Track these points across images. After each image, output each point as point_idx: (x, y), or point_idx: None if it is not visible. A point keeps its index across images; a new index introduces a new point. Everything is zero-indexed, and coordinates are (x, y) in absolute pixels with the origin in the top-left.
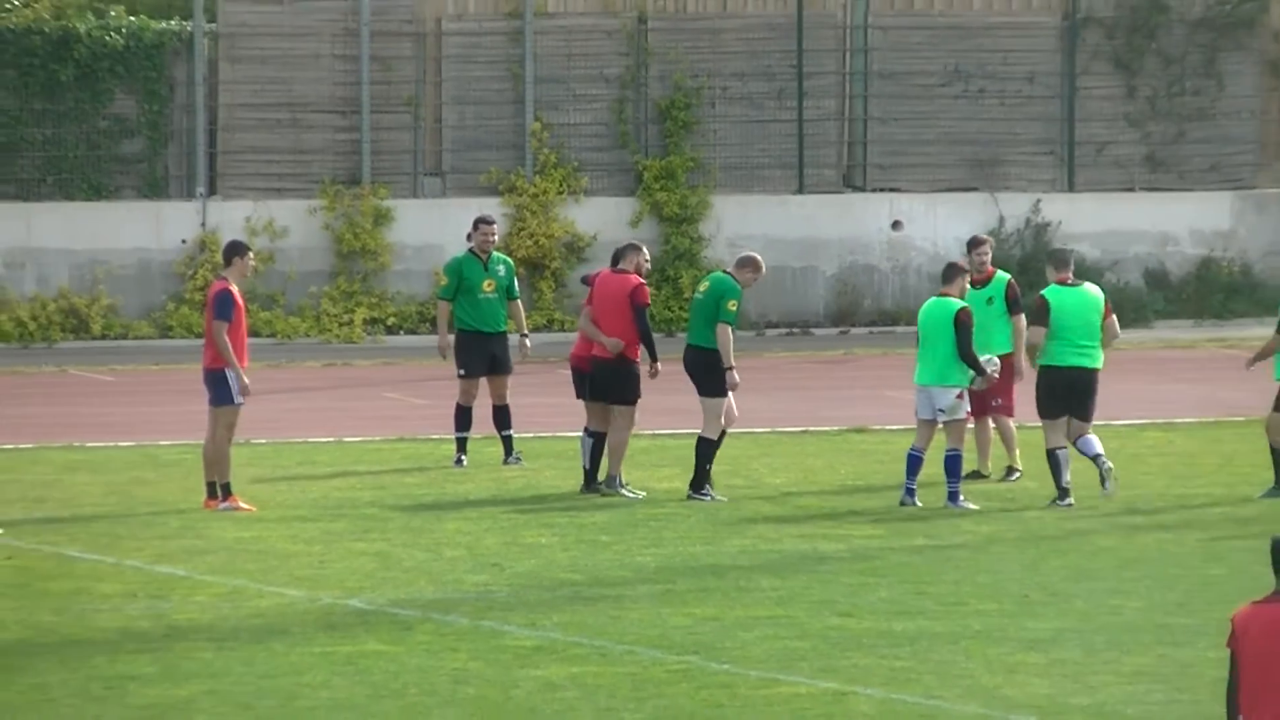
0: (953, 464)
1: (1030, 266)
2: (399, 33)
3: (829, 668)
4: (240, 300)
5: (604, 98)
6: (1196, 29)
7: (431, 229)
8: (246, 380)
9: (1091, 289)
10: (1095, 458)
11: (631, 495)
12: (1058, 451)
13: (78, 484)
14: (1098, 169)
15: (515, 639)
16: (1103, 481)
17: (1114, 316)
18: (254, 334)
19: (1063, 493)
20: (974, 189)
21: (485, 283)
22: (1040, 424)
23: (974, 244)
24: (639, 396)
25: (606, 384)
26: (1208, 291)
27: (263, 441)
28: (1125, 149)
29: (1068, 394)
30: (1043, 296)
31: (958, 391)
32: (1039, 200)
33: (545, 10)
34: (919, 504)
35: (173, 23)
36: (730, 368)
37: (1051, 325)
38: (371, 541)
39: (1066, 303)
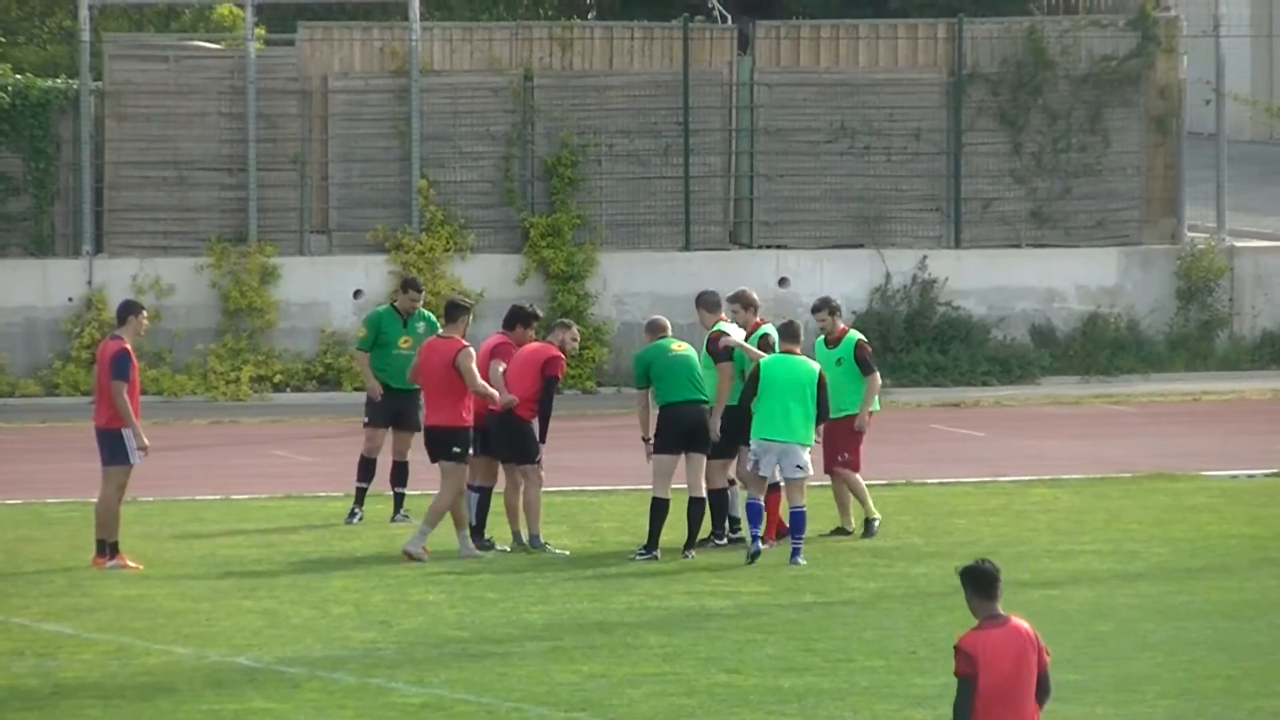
0: (801, 521)
1: (916, 323)
2: (285, 90)
3: None
4: (134, 359)
5: (490, 155)
6: (1081, 85)
7: (318, 286)
8: (145, 439)
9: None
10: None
11: (557, 553)
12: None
13: None
14: (984, 225)
15: (402, 696)
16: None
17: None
18: (141, 391)
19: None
20: (860, 246)
21: (402, 339)
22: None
23: (814, 310)
24: (540, 453)
25: (505, 444)
26: (1094, 348)
27: (150, 499)
28: (1011, 205)
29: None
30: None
31: (810, 449)
32: (925, 257)
33: (431, 68)
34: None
35: (59, 81)
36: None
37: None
38: (259, 599)
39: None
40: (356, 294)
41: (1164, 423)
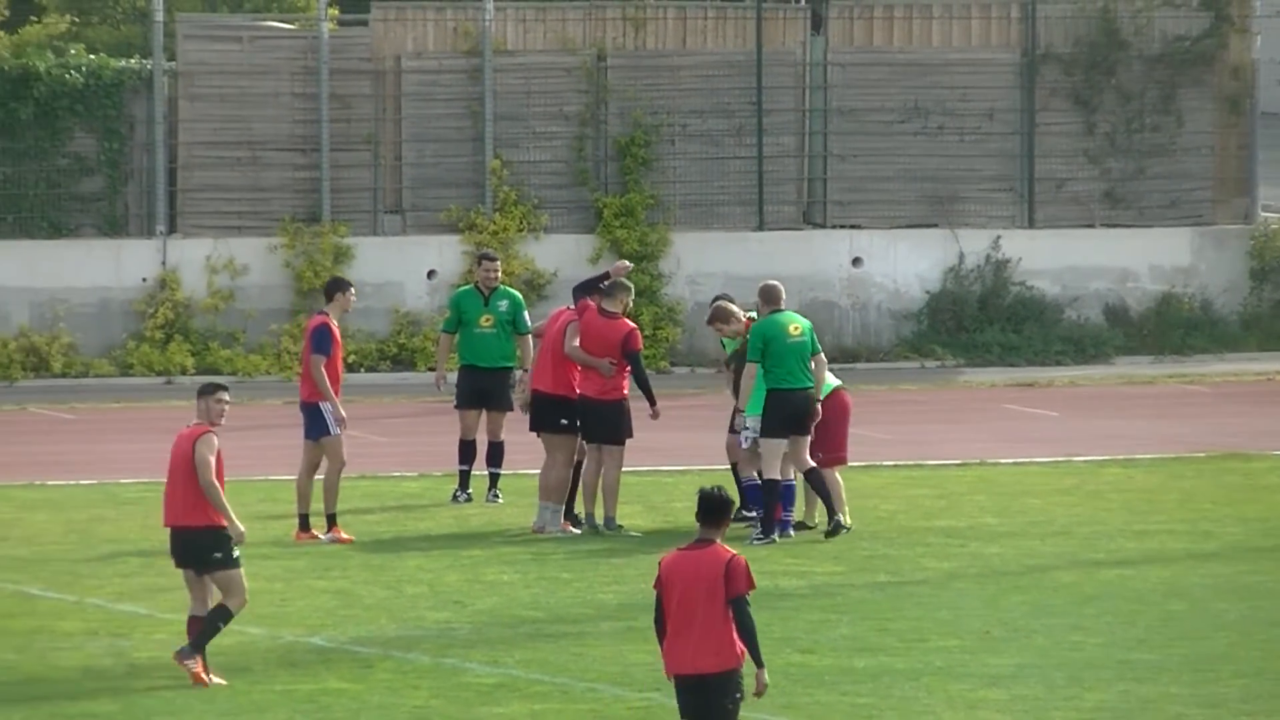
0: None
1: (990, 303)
2: (358, 70)
3: (791, 705)
4: (338, 335)
5: (563, 135)
6: (1155, 65)
7: (391, 267)
8: (343, 412)
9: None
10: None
11: (631, 535)
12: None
13: (38, 522)
14: (1057, 205)
15: (476, 676)
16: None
17: None
18: (215, 371)
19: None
20: (933, 225)
21: (483, 318)
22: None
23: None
24: (630, 435)
25: (596, 424)
26: (1168, 327)
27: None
28: (1084, 185)
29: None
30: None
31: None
32: (998, 237)
33: (504, 48)
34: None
35: (132, 61)
36: None
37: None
38: (332, 579)
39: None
40: (430, 274)
41: (1237, 402)
